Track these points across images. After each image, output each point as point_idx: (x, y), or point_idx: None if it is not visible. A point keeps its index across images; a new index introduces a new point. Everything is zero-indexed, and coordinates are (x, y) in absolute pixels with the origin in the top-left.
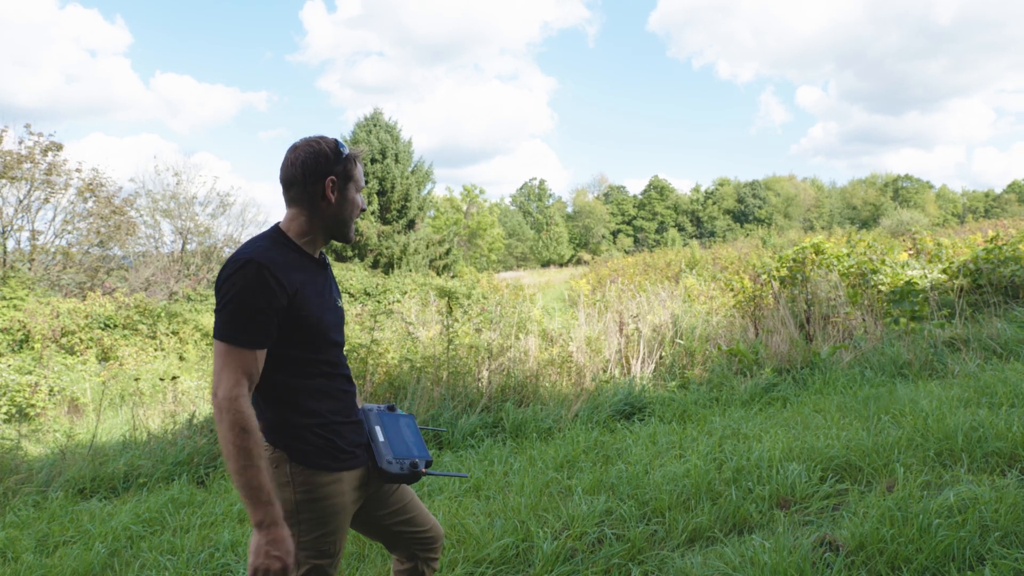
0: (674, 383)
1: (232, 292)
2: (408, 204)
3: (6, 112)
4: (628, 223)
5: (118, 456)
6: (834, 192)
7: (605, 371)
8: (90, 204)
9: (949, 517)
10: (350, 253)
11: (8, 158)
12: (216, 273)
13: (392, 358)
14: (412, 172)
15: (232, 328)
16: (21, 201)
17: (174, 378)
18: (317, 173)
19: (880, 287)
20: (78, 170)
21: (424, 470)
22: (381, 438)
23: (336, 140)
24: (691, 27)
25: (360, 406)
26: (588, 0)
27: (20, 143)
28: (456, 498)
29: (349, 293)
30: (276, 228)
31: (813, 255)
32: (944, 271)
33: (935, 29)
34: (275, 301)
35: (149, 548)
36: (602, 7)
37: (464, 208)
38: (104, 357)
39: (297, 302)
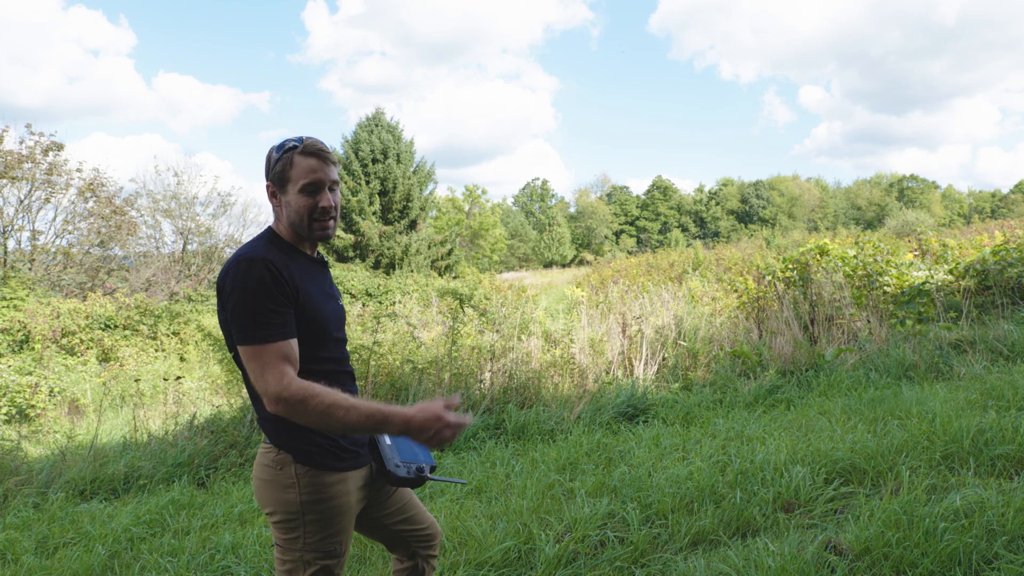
0: (677, 385)
1: (243, 292)
2: (410, 204)
3: (7, 112)
4: (631, 223)
5: (118, 457)
6: (838, 192)
7: (608, 373)
8: (91, 204)
9: (955, 521)
10: (351, 254)
11: (9, 158)
12: (217, 273)
13: (394, 359)
14: (414, 172)
15: (256, 328)
16: (22, 201)
17: (176, 379)
18: (265, 179)
19: (886, 288)
20: (79, 170)
21: (429, 474)
22: (388, 441)
23: (287, 141)
24: (691, 28)
25: None
26: (591, 1)
27: (21, 143)
28: (458, 500)
29: (350, 294)
30: (269, 229)
31: (818, 256)
32: (950, 272)
33: (937, 28)
34: (286, 295)
35: (149, 550)
36: (605, 8)
37: (466, 208)
38: (105, 358)
39: (302, 298)
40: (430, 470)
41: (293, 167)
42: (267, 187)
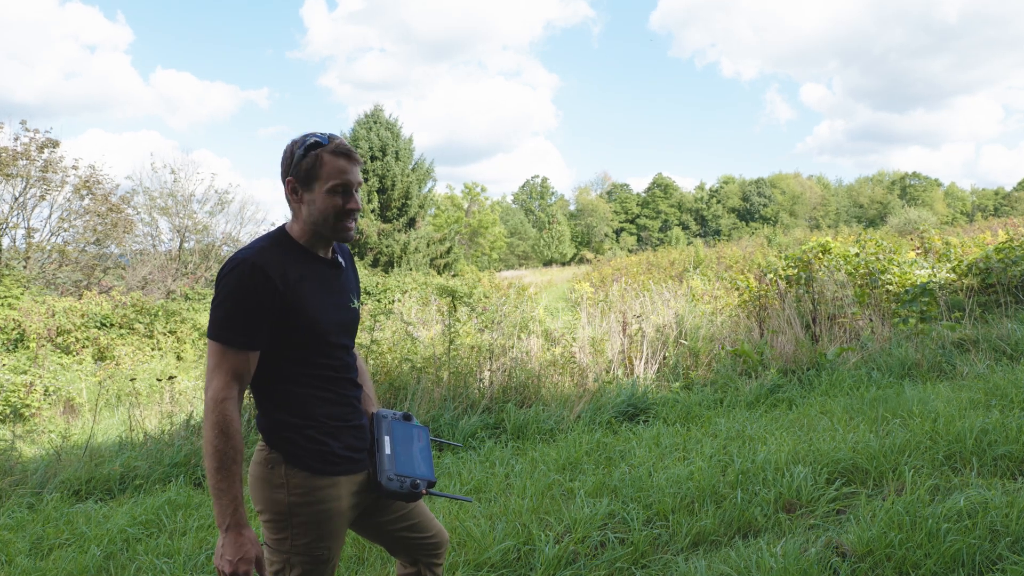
0: (678, 384)
1: (226, 292)
2: (409, 202)
3: (3, 108)
4: (631, 221)
5: (114, 457)
6: (840, 190)
7: (608, 372)
8: (86, 201)
9: (958, 522)
10: (351, 251)
11: (3, 155)
12: (214, 271)
13: (392, 358)
14: (413, 170)
15: (225, 328)
16: (16, 198)
17: (171, 378)
18: (282, 175)
19: (888, 287)
20: (75, 167)
21: (425, 491)
22: (388, 450)
23: (310, 137)
24: (692, 26)
25: (375, 411)
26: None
27: (16, 139)
28: (457, 501)
29: None
30: (281, 228)
31: (820, 254)
32: (953, 270)
33: (939, 26)
34: (268, 302)
35: (145, 551)
36: (606, 6)
37: (465, 206)
38: (100, 356)
39: (293, 302)
40: (427, 486)
41: (323, 166)
42: (287, 183)
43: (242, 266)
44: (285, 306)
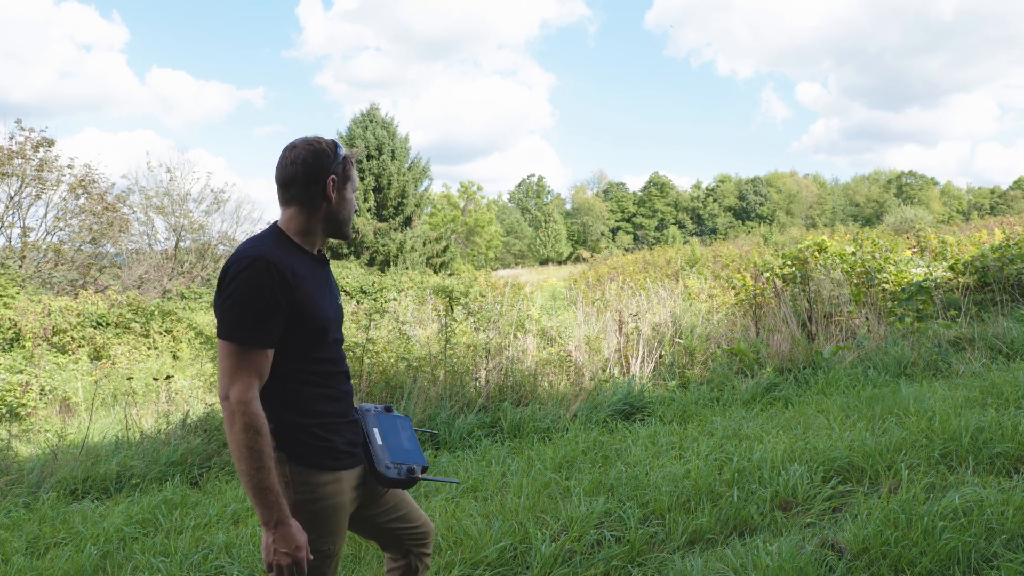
0: (674, 383)
1: (241, 291)
2: (405, 201)
3: None
4: (628, 220)
5: (110, 456)
6: (836, 189)
7: (604, 370)
8: (82, 201)
9: (954, 520)
10: (346, 251)
11: None
12: (210, 270)
13: (388, 357)
14: (409, 169)
15: (242, 328)
16: (12, 198)
17: (168, 377)
18: (319, 172)
19: (884, 286)
20: (70, 166)
21: (420, 476)
22: (379, 441)
23: (334, 140)
24: (687, 24)
25: (356, 405)
26: None
27: (11, 138)
28: (453, 499)
29: (345, 291)
30: (275, 226)
31: (816, 253)
32: (950, 269)
33: (935, 24)
34: (282, 299)
35: (142, 550)
36: (602, 5)
37: (461, 205)
38: (96, 356)
39: (301, 298)
40: (421, 470)
41: (353, 170)
42: (331, 180)
43: (257, 264)
44: (294, 302)
